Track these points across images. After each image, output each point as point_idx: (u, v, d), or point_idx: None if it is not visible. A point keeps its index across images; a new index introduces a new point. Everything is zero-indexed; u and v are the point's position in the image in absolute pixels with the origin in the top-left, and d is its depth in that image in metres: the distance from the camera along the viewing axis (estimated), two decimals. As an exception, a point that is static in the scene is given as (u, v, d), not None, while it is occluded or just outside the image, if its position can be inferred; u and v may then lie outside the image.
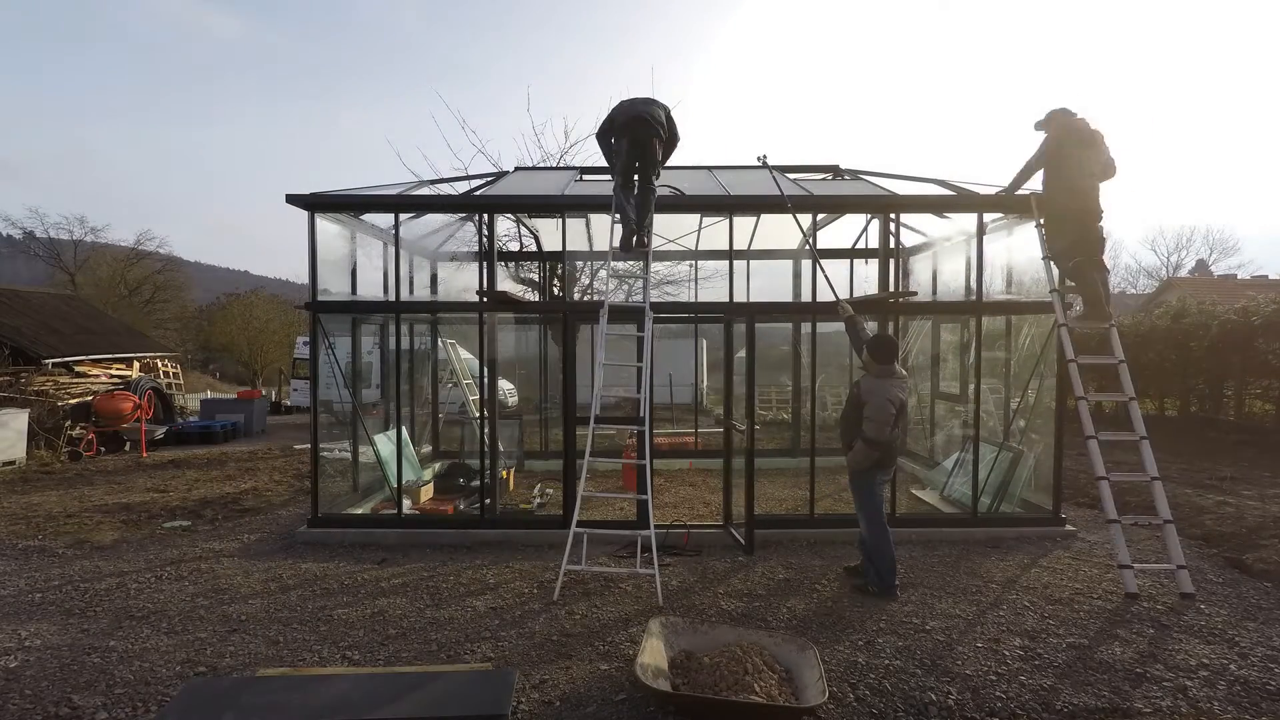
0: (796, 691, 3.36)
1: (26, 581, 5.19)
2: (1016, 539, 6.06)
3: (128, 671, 3.78)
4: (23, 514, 7.24)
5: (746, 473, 5.76)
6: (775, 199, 6.20)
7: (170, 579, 5.24)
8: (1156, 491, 5.23)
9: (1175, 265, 40.34)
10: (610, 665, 3.81)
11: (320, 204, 6.29)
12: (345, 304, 7.08)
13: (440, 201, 7.04)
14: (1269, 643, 4.07)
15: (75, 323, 15.63)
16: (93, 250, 34.03)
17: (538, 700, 3.46)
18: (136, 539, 6.34)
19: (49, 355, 12.51)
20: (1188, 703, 3.43)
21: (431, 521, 6.59)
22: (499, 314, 6.80)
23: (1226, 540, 5.90)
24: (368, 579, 5.21)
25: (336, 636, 4.21)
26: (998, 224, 6.87)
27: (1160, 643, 4.08)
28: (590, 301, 11.69)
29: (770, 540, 6.01)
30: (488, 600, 4.77)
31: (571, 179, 8.04)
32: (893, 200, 6.62)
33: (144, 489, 8.54)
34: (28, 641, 4.15)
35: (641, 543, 5.17)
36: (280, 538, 6.34)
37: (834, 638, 4.17)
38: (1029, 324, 7.07)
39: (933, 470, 8.26)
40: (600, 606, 4.65)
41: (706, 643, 3.76)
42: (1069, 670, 3.76)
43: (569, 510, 6.24)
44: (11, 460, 10.01)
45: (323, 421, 6.45)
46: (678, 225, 8.83)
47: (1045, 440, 6.58)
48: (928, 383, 9.14)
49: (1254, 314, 10.38)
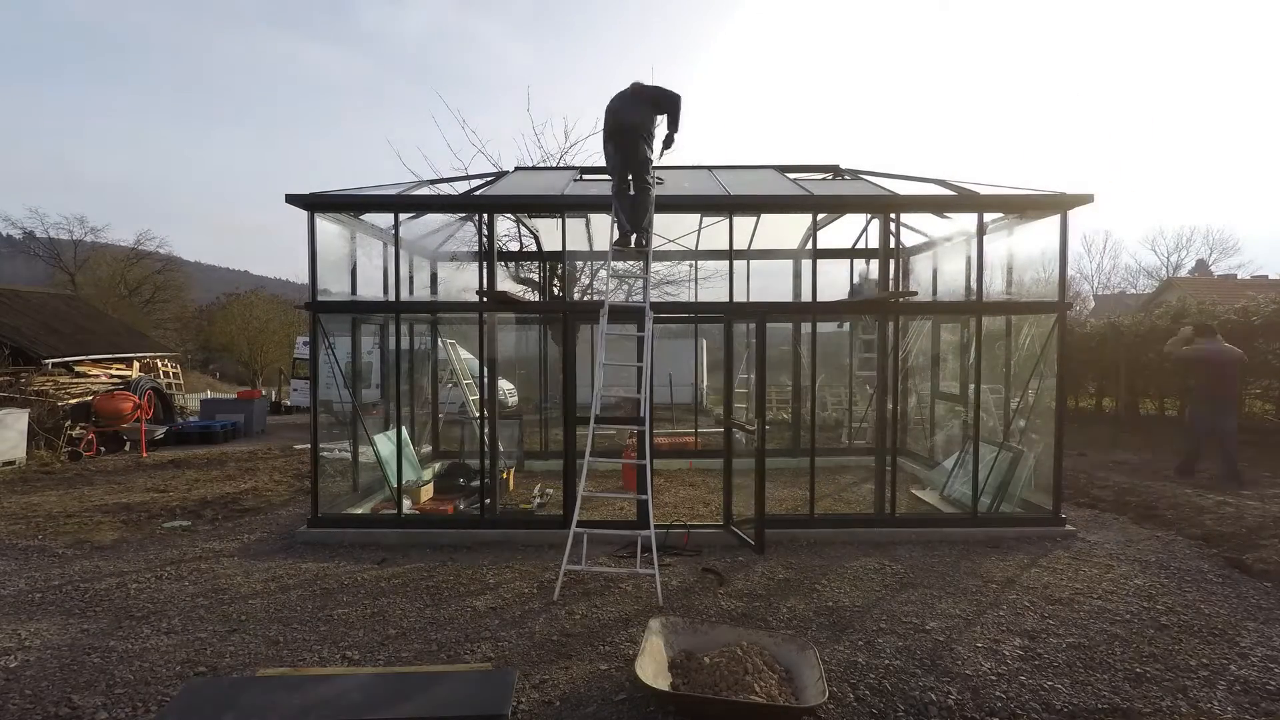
0: (796, 691, 3.36)
1: (26, 581, 5.19)
2: (1016, 539, 6.06)
3: (128, 671, 3.78)
4: (23, 514, 7.24)
5: (757, 472, 5.73)
6: (775, 198, 6.20)
7: (170, 579, 5.24)
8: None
9: (1175, 265, 40.38)
10: (610, 665, 3.81)
11: (320, 204, 6.29)
12: (345, 304, 7.08)
13: (440, 201, 7.04)
14: (1269, 643, 4.08)
15: (75, 323, 15.63)
16: (93, 250, 34.05)
17: (538, 700, 3.46)
18: (136, 539, 6.34)
19: (49, 355, 12.51)
20: (1188, 703, 3.43)
21: (431, 521, 6.59)
22: (499, 314, 6.80)
23: (1226, 540, 5.89)
24: (368, 579, 5.21)
25: (336, 636, 4.21)
26: (998, 224, 6.87)
27: (1160, 643, 4.08)
28: (590, 301, 11.70)
29: (770, 540, 6.01)
30: (488, 600, 4.77)
31: (571, 179, 8.04)
32: (893, 200, 6.62)
33: (144, 489, 8.54)
34: (28, 641, 4.15)
35: (642, 543, 5.18)
36: (280, 538, 6.34)
37: (834, 637, 4.17)
38: (1029, 324, 7.07)
39: (933, 470, 8.26)
40: (600, 606, 4.65)
41: (706, 643, 3.76)
42: (1069, 670, 3.76)
43: (569, 510, 6.24)
44: (11, 460, 10.01)
45: (323, 421, 6.44)
46: (678, 225, 8.83)
47: (1045, 440, 6.58)
48: (928, 383, 9.15)
49: (1254, 314, 10.38)
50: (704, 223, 8.77)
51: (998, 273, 7.55)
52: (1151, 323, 12.48)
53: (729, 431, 6.39)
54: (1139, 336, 12.08)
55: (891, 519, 6.31)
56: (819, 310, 6.58)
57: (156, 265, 35.80)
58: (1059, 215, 6.21)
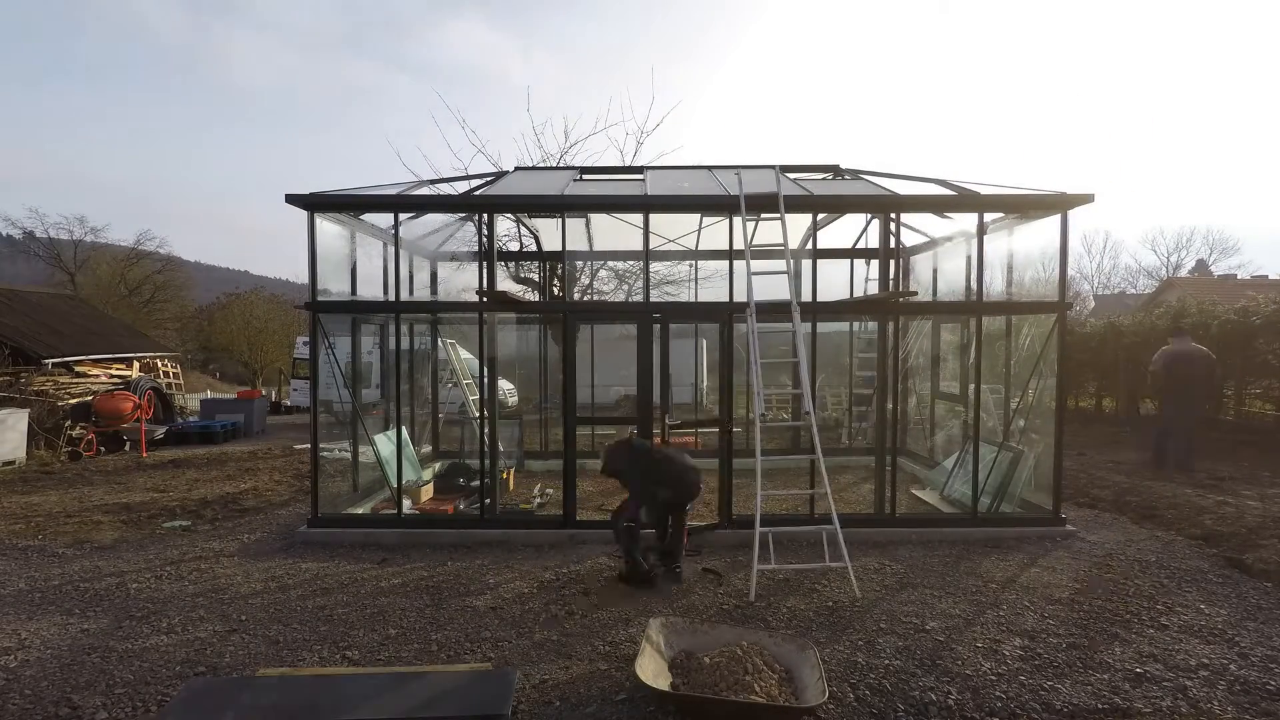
0: (796, 691, 3.36)
1: (26, 581, 5.19)
2: (1017, 539, 6.06)
3: (127, 671, 3.78)
4: (23, 514, 7.24)
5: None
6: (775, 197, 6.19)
7: (170, 579, 5.24)
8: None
9: (1175, 265, 40.41)
10: (610, 665, 3.81)
11: (320, 204, 6.29)
12: (345, 304, 7.08)
13: (440, 201, 7.04)
14: (1269, 642, 4.07)
15: (75, 323, 15.63)
16: (92, 250, 34.06)
17: (538, 700, 3.46)
18: (136, 539, 6.34)
19: (49, 355, 12.51)
20: (1188, 703, 3.43)
21: (431, 521, 6.59)
22: (499, 314, 6.80)
23: (1226, 540, 5.89)
24: (368, 579, 5.21)
25: (336, 636, 4.21)
26: (998, 224, 6.87)
27: (1160, 643, 4.08)
28: (590, 301, 11.70)
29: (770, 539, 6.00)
30: (487, 600, 4.77)
31: (571, 178, 8.04)
32: (893, 200, 6.62)
33: (144, 489, 8.54)
34: (28, 641, 4.15)
35: (828, 536, 5.09)
36: (280, 538, 6.34)
37: (834, 637, 4.17)
38: (1029, 324, 7.07)
39: (933, 470, 8.26)
40: (600, 607, 4.66)
41: (706, 642, 3.75)
42: (1069, 670, 3.76)
43: (569, 510, 6.25)
44: (11, 460, 10.01)
45: (323, 421, 6.44)
46: (678, 225, 8.84)
47: (1045, 440, 6.58)
48: (928, 383, 9.15)
49: (1254, 314, 10.38)
50: (704, 223, 8.77)
51: (998, 272, 7.55)
52: (1151, 323, 12.49)
53: (727, 431, 6.39)
54: (1139, 336, 12.09)
55: (891, 519, 6.31)
56: (819, 310, 6.58)
57: (156, 265, 35.80)
58: (1059, 215, 6.21)
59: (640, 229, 6.47)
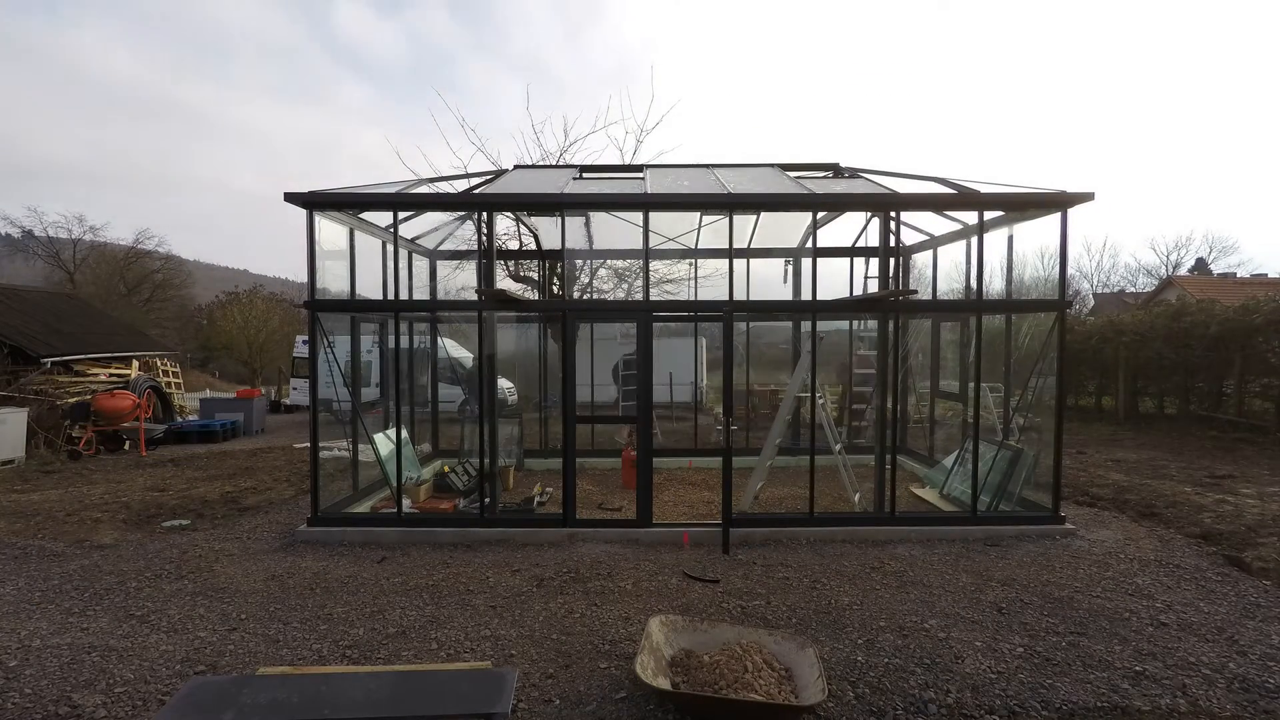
0: (796, 690, 3.36)
1: (26, 581, 5.19)
2: (1016, 537, 6.06)
3: (128, 670, 3.78)
4: (22, 513, 7.23)
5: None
6: (776, 196, 6.20)
7: (170, 578, 5.24)
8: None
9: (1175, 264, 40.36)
10: (610, 664, 3.81)
11: (319, 202, 6.28)
12: (344, 303, 7.08)
13: (439, 200, 7.04)
14: (1268, 640, 4.08)
15: (75, 322, 15.62)
16: (92, 249, 34.01)
17: (538, 699, 3.46)
18: (136, 538, 6.34)
19: (48, 354, 12.50)
20: (1187, 701, 3.43)
21: (431, 520, 6.59)
22: (498, 312, 6.80)
23: (1225, 538, 5.90)
24: (367, 578, 5.21)
25: (336, 635, 4.21)
26: (998, 222, 6.86)
27: (1160, 641, 4.08)
28: (590, 300, 11.69)
29: (771, 539, 6.02)
30: (487, 598, 4.77)
31: (571, 177, 8.03)
32: (893, 199, 6.61)
33: (143, 488, 8.54)
34: (28, 641, 4.15)
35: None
36: (280, 536, 6.34)
37: (834, 636, 4.17)
38: (1028, 322, 7.07)
39: (932, 469, 8.27)
40: (600, 605, 4.66)
41: (706, 641, 3.76)
42: (1068, 668, 3.76)
43: (569, 509, 6.25)
44: (11, 459, 10.01)
45: (322, 420, 6.44)
46: (678, 224, 8.83)
47: (1045, 438, 6.58)
48: (927, 381, 9.15)
49: (1254, 312, 10.39)
50: (704, 221, 8.77)
51: (998, 271, 7.56)
52: (1151, 321, 12.50)
53: (727, 430, 6.38)
54: (1138, 335, 12.09)
55: (891, 517, 6.32)
56: (819, 309, 6.58)
57: (155, 264, 35.75)
58: (1059, 213, 6.21)
59: (640, 227, 6.47)
